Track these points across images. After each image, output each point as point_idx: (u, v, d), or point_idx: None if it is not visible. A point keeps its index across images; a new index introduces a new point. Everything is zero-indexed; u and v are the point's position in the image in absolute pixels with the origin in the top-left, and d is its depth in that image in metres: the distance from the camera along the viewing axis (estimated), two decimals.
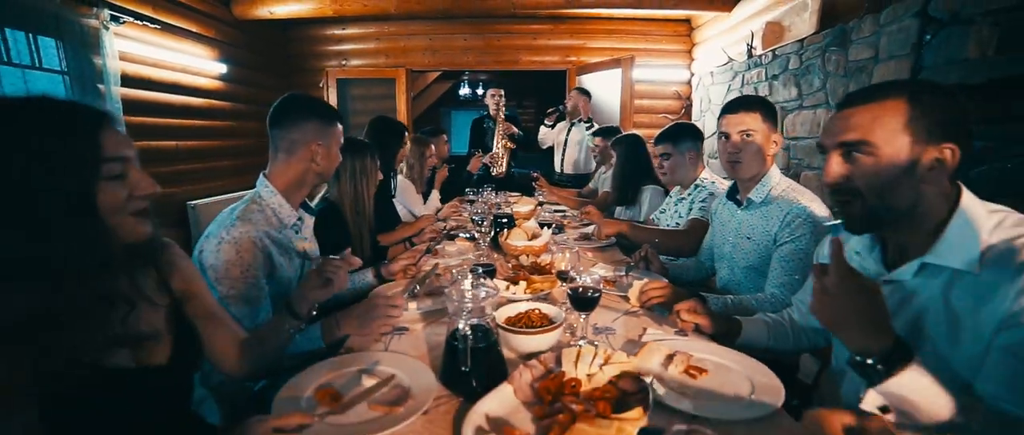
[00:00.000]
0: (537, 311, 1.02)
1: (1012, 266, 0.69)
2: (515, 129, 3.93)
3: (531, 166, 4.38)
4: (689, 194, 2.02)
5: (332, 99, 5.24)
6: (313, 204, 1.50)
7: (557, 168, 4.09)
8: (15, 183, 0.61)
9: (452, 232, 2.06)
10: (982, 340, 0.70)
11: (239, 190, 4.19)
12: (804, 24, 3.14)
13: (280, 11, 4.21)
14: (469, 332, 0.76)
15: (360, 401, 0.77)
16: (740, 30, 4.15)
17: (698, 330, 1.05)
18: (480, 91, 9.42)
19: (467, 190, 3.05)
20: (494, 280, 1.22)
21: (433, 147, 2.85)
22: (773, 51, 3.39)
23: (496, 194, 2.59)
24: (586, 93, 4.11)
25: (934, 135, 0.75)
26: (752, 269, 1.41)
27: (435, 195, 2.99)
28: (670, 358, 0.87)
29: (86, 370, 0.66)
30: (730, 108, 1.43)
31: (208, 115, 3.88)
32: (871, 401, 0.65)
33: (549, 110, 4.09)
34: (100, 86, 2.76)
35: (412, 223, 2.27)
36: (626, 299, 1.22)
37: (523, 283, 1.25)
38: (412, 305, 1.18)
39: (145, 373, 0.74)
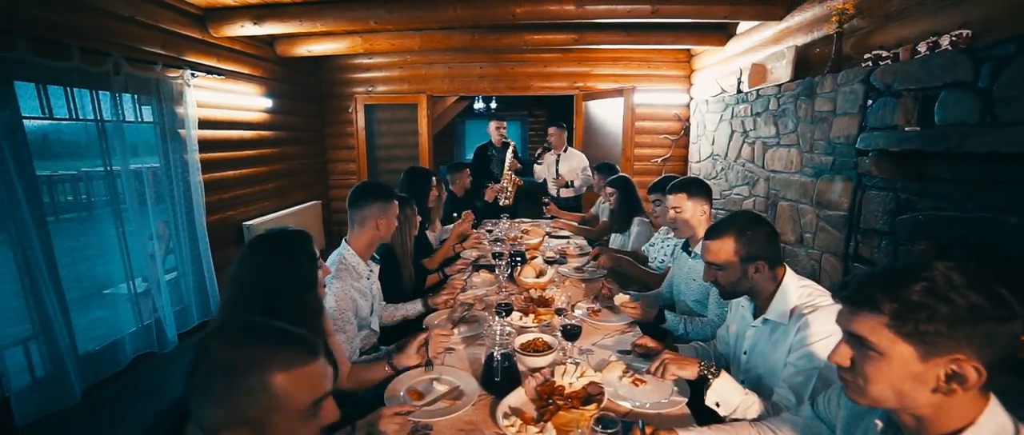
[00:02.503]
0: (541, 339, 1.52)
1: (799, 317, 1.20)
2: (519, 164, 4.38)
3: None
4: (674, 236, 2.52)
5: (360, 122, 5.79)
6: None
7: (554, 193, 4.56)
8: (298, 272, 1.15)
9: (478, 262, 2.57)
10: (781, 361, 1.21)
11: (284, 208, 4.76)
12: (782, 70, 3.56)
13: (318, 49, 4.75)
14: (499, 357, 1.26)
15: (436, 397, 1.28)
16: (732, 64, 4.57)
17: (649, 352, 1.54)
18: (494, 105, 9.95)
19: (484, 221, 3.54)
20: (512, 313, 1.72)
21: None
22: (757, 91, 3.80)
23: (510, 224, 3.08)
24: (562, 127, 4.55)
25: (751, 256, 1.27)
26: (698, 302, 1.92)
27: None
28: (624, 372, 1.36)
29: None
30: (669, 190, 1.97)
31: (257, 145, 4.44)
32: (709, 400, 1.19)
33: (538, 151, 4.54)
34: (181, 131, 3.33)
35: (440, 250, 2.79)
36: (611, 309, 1.71)
37: (532, 315, 1.76)
38: (456, 331, 1.69)
39: None
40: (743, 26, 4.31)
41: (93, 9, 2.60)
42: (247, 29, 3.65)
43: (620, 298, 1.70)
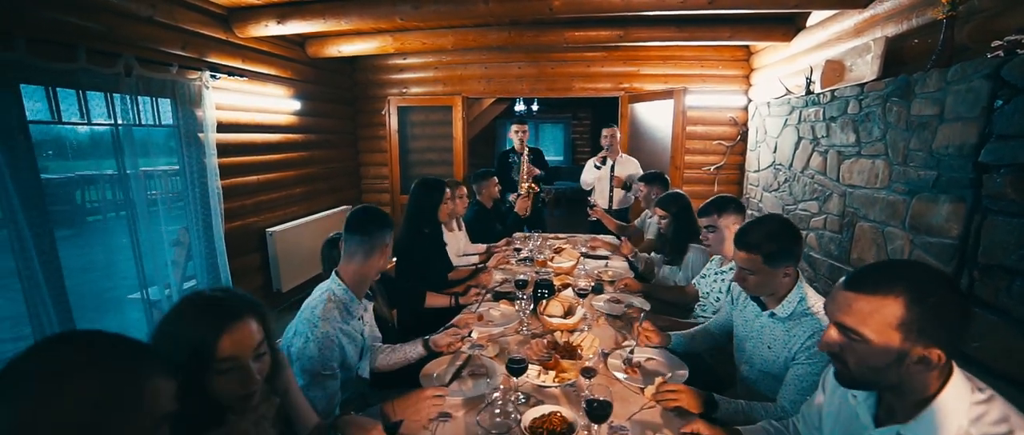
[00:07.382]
0: (559, 415, 1.17)
1: None
2: (537, 171, 3.95)
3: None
4: (731, 269, 2.03)
5: (393, 125, 5.61)
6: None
7: (605, 206, 4.08)
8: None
9: (499, 290, 2.23)
10: None
11: (309, 214, 4.62)
12: (866, 67, 3.02)
13: (348, 50, 4.59)
14: None
15: None
16: (799, 62, 4.02)
17: None
18: (536, 107, 9.58)
19: (516, 235, 3.19)
20: (529, 370, 1.37)
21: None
22: (832, 91, 3.26)
23: (542, 240, 2.71)
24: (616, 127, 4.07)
25: (924, 337, 0.79)
26: (769, 375, 1.43)
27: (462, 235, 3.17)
28: None
29: None
30: (737, 239, 1.44)
31: (284, 148, 4.31)
32: None
33: (599, 156, 4.02)
34: (200, 134, 3.20)
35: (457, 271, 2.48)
36: (643, 391, 1.33)
37: (552, 372, 1.39)
38: (455, 386, 1.36)
39: None
40: (815, 17, 3.77)
41: (104, 9, 2.48)
42: (271, 29, 3.50)
43: (650, 390, 1.28)
